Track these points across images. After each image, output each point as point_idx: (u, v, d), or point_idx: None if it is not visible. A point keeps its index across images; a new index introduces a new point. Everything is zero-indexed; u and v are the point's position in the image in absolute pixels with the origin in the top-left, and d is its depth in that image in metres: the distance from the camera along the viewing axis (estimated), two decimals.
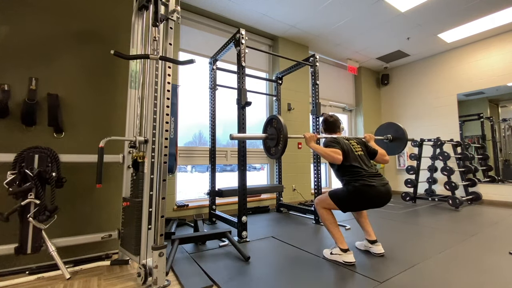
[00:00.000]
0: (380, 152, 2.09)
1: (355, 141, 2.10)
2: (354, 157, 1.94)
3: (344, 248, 1.84)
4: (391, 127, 2.65)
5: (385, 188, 1.86)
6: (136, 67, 1.96)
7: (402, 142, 2.54)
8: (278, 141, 2.04)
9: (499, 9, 3.59)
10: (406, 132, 2.53)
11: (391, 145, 2.62)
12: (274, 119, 2.10)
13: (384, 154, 2.10)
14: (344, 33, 4.19)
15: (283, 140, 1.96)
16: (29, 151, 1.64)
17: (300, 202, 4.16)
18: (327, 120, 2.24)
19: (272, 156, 2.15)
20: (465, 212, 3.60)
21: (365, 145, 2.13)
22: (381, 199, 1.85)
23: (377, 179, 1.85)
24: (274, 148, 2.09)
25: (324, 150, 1.91)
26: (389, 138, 2.61)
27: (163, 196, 1.53)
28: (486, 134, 4.51)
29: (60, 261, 1.63)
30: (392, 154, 2.57)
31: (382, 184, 1.84)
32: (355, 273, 1.68)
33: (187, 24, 3.55)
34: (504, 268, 1.75)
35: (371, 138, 2.24)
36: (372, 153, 2.09)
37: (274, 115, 2.10)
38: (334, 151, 1.86)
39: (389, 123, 2.68)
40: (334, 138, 2.04)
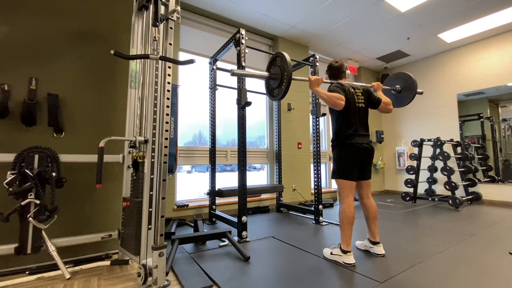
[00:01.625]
0: (384, 101, 2.07)
1: (360, 91, 2.06)
2: (354, 109, 1.96)
3: (346, 250, 1.84)
4: (400, 77, 2.48)
5: (369, 146, 1.97)
6: (136, 67, 1.96)
7: (410, 92, 2.39)
8: (281, 81, 1.88)
9: (499, 9, 3.59)
10: (416, 82, 2.37)
11: (399, 96, 2.48)
12: (279, 57, 1.92)
13: (389, 103, 2.09)
14: (344, 33, 4.19)
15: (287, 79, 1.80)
16: (29, 151, 1.64)
17: (300, 202, 4.16)
18: (332, 66, 2.18)
19: (274, 97, 2.00)
20: (465, 212, 3.60)
21: (369, 94, 2.09)
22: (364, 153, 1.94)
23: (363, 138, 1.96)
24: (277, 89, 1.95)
25: (326, 94, 1.86)
26: (397, 89, 2.47)
27: (163, 196, 1.53)
28: (486, 134, 4.51)
29: (60, 261, 1.63)
30: (400, 105, 2.47)
31: (366, 142, 1.96)
32: (355, 273, 1.68)
33: (187, 24, 3.55)
34: (504, 268, 1.75)
35: (379, 87, 2.18)
36: (376, 102, 2.07)
37: (279, 52, 1.90)
38: (337, 96, 1.84)
39: (399, 73, 2.51)
40: (340, 83, 2.00)
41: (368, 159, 1.99)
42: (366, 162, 1.98)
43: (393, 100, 2.37)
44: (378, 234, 2.02)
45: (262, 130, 4.36)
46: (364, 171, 2.00)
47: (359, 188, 2.05)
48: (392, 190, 5.69)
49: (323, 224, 2.99)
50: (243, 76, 2.34)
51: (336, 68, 2.16)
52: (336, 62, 2.18)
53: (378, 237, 2.01)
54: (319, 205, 3.05)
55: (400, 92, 2.47)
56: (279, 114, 4.01)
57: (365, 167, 2.00)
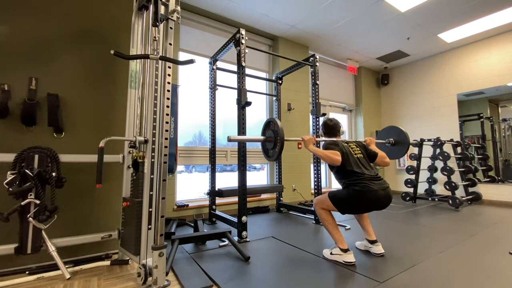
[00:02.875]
0: (380, 155, 2.09)
1: (355, 144, 2.10)
2: (354, 160, 1.94)
3: (344, 248, 1.84)
4: (393, 131, 2.63)
5: (385, 192, 1.84)
6: (136, 67, 1.96)
7: (404, 146, 2.53)
8: (275, 143, 2.05)
9: (499, 9, 3.59)
10: (408, 136, 2.52)
11: (393, 148, 2.61)
12: (272, 122, 2.11)
13: (384, 157, 2.10)
14: (344, 33, 4.19)
15: (280, 142, 1.97)
16: (29, 151, 1.64)
17: (300, 202, 4.16)
18: (327, 124, 2.23)
19: (270, 158, 2.17)
20: (465, 212, 3.60)
21: (364, 147, 2.13)
22: (381, 202, 1.84)
23: (377, 183, 1.84)
24: (271, 150, 2.11)
25: (323, 152, 1.91)
26: (391, 142, 2.60)
27: (163, 196, 1.53)
28: (486, 134, 4.51)
29: (60, 261, 1.63)
30: (394, 158, 2.57)
31: (382, 188, 1.83)
32: (355, 273, 1.68)
33: (187, 24, 3.55)
34: (504, 268, 1.75)
35: (372, 142, 2.25)
36: (372, 155, 2.09)
37: (272, 118, 2.11)
38: (333, 152, 1.87)
39: (391, 127, 2.67)
40: (333, 140, 2.04)
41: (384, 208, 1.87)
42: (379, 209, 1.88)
43: (388, 152, 2.45)
44: (373, 231, 2.04)
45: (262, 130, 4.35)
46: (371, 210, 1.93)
47: None
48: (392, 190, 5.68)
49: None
50: (241, 141, 2.45)
51: (331, 127, 2.21)
52: (331, 121, 2.22)
53: (374, 235, 2.02)
54: None
55: (394, 145, 2.60)
56: (279, 114, 4.01)
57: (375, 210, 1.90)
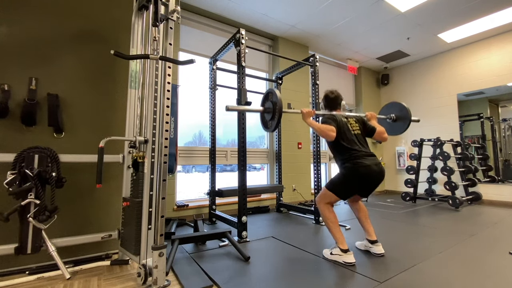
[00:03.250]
0: (379, 130, 2.08)
1: (354, 120, 2.08)
2: (350, 136, 1.95)
3: (344, 249, 1.84)
4: (395, 107, 2.56)
5: (378, 168, 1.90)
6: (136, 67, 1.96)
7: (405, 121, 2.46)
8: (274, 114, 2.00)
9: (499, 9, 3.59)
10: (409, 111, 2.44)
11: (394, 124, 2.55)
12: (271, 93, 2.06)
13: (383, 132, 2.09)
14: (344, 33, 4.19)
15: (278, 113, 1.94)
16: (29, 151, 1.64)
17: (300, 202, 4.16)
18: (328, 97, 2.19)
19: (268, 129, 2.13)
20: (465, 212, 3.60)
21: (363, 123, 2.11)
22: (374, 178, 1.88)
23: (370, 159, 1.90)
24: (270, 121, 2.08)
25: (318, 126, 1.92)
26: (392, 118, 2.53)
27: (163, 196, 1.53)
28: (486, 134, 4.51)
29: (60, 261, 1.63)
30: (395, 134, 2.52)
31: (375, 163, 1.89)
32: (355, 273, 1.68)
33: (187, 24, 3.55)
34: (504, 268, 1.75)
35: (373, 117, 2.21)
36: (370, 130, 2.08)
37: (271, 89, 2.06)
38: (328, 128, 1.87)
39: (393, 103, 2.59)
40: (332, 115, 2.02)
41: (376, 183, 1.91)
42: (373, 186, 1.92)
43: (388, 128, 2.43)
44: (373, 231, 2.04)
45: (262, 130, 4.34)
46: (366, 192, 1.96)
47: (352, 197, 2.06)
48: (392, 190, 5.69)
49: (323, 224, 2.98)
50: (239, 111, 2.42)
51: (332, 100, 2.18)
52: (332, 93, 2.18)
53: (374, 235, 2.02)
54: None
55: (396, 121, 2.54)
56: None
57: (370, 190, 1.94)
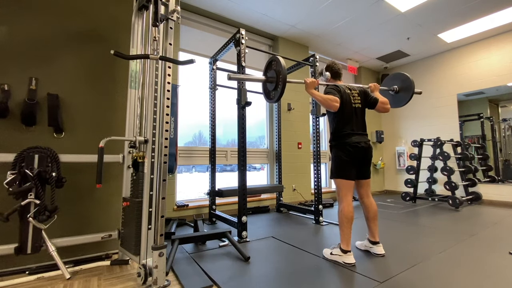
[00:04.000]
0: (381, 101, 2.07)
1: (357, 92, 2.08)
2: (350, 110, 1.97)
3: (346, 249, 1.84)
4: (398, 78, 2.48)
5: (366, 144, 1.97)
6: (136, 67, 1.96)
7: (408, 92, 2.39)
8: (277, 84, 1.94)
9: (499, 9, 3.59)
10: (413, 82, 2.39)
11: (396, 96, 2.48)
12: (274, 61, 1.97)
13: (386, 103, 2.08)
14: (344, 33, 4.19)
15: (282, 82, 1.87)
16: (29, 151, 1.64)
17: (300, 202, 4.16)
18: (333, 67, 2.19)
19: (271, 100, 2.07)
20: (465, 212, 3.60)
21: (365, 94, 2.10)
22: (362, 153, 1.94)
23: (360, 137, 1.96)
24: (273, 91, 2.00)
25: (322, 96, 1.90)
26: (395, 89, 2.47)
27: (163, 196, 1.53)
28: (486, 134, 4.51)
29: (60, 261, 1.63)
30: (397, 106, 2.48)
31: (364, 141, 1.96)
32: (355, 273, 1.68)
33: (187, 24, 3.55)
34: (504, 268, 1.75)
35: (376, 88, 2.19)
36: (373, 102, 2.07)
37: (274, 56, 1.97)
38: (332, 98, 1.86)
39: (397, 73, 2.51)
40: (335, 85, 2.02)
41: (367, 158, 1.99)
42: (365, 161, 1.99)
43: (391, 100, 2.38)
44: (378, 233, 2.02)
45: (262, 130, 4.36)
46: (363, 170, 2.00)
47: (359, 187, 2.05)
48: (392, 190, 5.69)
49: (323, 224, 2.99)
50: (240, 80, 2.36)
51: (337, 70, 2.19)
52: (336, 64, 2.20)
53: (378, 237, 2.01)
54: (319, 205, 3.05)
55: (398, 93, 2.47)
56: (279, 114, 4.01)
57: (364, 166, 2.00)
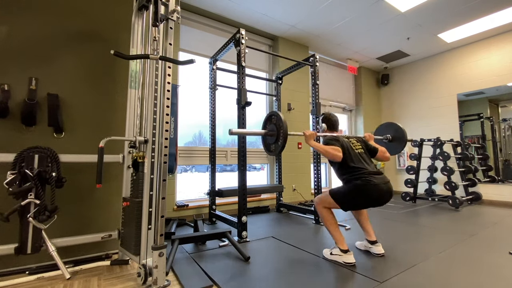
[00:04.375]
0: (381, 149, 2.09)
1: (355, 139, 2.11)
2: (355, 155, 1.94)
3: (344, 249, 1.84)
4: (390, 127, 2.64)
5: (387, 186, 1.83)
6: (136, 67, 1.96)
7: (401, 142, 2.54)
8: (277, 138, 2.01)
9: (499, 9, 3.59)
10: (405, 132, 2.54)
11: (390, 145, 2.62)
12: (274, 116, 2.07)
13: (385, 151, 2.10)
14: (344, 33, 4.19)
15: (283, 136, 1.92)
16: (29, 151, 1.64)
17: (300, 202, 4.16)
18: (329, 119, 2.24)
19: (271, 153, 2.14)
20: (465, 212, 3.60)
21: (364, 142, 2.14)
22: (382, 197, 1.82)
23: (379, 177, 1.84)
24: (273, 144, 2.07)
25: (323, 147, 1.90)
26: (388, 138, 2.61)
27: (163, 196, 1.53)
28: (486, 134, 4.52)
29: (60, 261, 1.63)
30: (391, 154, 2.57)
31: (383, 182, 1.83)
32: (355, 273, 1.68)
33: (187, 24, 3.55)
34: (504, 268, 1.75)
35: (371, 138, 2.25)
36: (372, 150, 2.09)
37: (274, 111, 2.08)
38: (334, 148, 1.85)
39: (389, 123, 2.68)
40: (333, 136, 2.04)
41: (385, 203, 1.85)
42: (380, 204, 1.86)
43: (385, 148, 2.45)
44: (373, 232, 2.03)
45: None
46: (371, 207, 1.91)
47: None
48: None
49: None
50: (242, 134, 2.43)
51: (334, 122, 2.24)
52: (333, 116, 2.26)
53: (374, 236, 2.02)
54: None
55: (391, 141, 2.61)
56: None
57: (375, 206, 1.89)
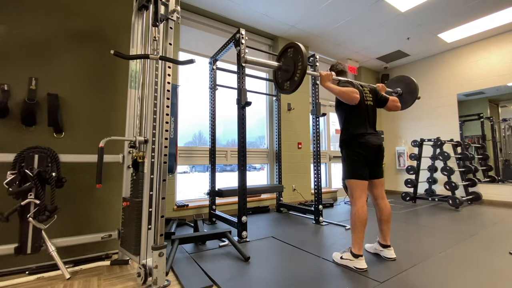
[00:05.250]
0: (392, 99, 2.07)
1: (368, 89, 2.06)
2: (364, 107, 1.94)
3: (358, 254, 1.76)
4: (402, 81, 2.49)
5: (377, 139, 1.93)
6: (136, 67, 1.96)
7: (411, 96, 2.40)
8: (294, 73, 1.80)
9: (499, 9, 3.59)
10: (418, 87, 2.40)
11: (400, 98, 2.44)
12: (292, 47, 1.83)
13: (396, 100, 2.09)
14: (344, 33, 4.19)
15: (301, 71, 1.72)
16: (29, 151, 1.64)
17: (300, 202, 4.16)
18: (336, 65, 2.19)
19: (284, 90, 1.95)
20: (465, 212, 3.60)
21: (375, 93, 2.09)
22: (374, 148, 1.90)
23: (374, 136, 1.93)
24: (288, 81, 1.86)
25: (340, 88, 1.84)
26: (399, 92, 2.48)
27: (163, 196, 1.53)
28: (486, 134, 4.51)
29: (60, 261, 1.63)
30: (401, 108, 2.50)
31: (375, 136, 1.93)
32: (355, 272, 1.68)
33: (187, 24, 3.55)
34: (504, 268, 1.75)
35: (383, 89, 2.19)
36: (384, 100, 2.07)
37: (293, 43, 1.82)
38: (352, 90, 1.82)
39: (401, 76, 2.52)
40: (349, 80, 2.00)
41: (380, 158, 1.96)
42: (377, 160, 1.95)
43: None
44: (389, 237, 1.96)
45: (262, 130, 4.36)
46: (376, 169, 1.95)
47: (373, 187, 1.99)
48: (392, 190, 5.69)
49: (323, 224, 2.99)
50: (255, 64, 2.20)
51: (342, 69, 2.18)
52: (339, 63, 2.21)
53: (389, 240, 1.96)
54: (319, 205, 3.05)
55: (402, 95, 2.48)
56: (279, 114, 4.01)
57: (376, 165, 1.95)
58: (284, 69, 1.88)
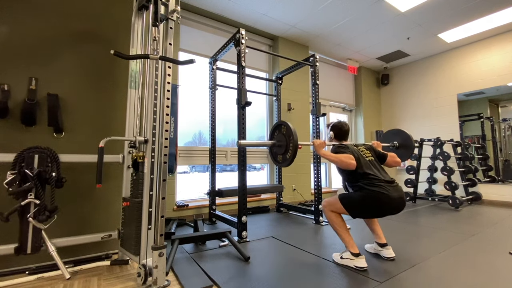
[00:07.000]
0: (390, 155, 2.05)
1: (364, 147, 2.04)
2: (366, 163, 1.86)
3: (356, 253, 1.76)
4: (397, 134, 2.58)
5: (399, 195, 1.76)
6: (136, 67, 1.96)
7: (408, 150, 2.48)
8: (286, 149, 1.96)
9: (499, 9, 3.59)
10: (413, 140, 2.49)
11: (397, 152, 2.54)
12: (283, 125, 2.01)
13: (394, 156, 2.06)
14: (344, 33, 4.19)
15: (293, 148, 1.86)
16: (29, 151, 1.64)
17: (300, 202, 4.16)
18: (341, 128, 2.12)
19: (279, 163, 2.08)
20: (465, 212, 3.60)
21: (373, 150, 2.06)
22: (395, 208, 1.76)
23: (393, 188, 1.77)
24: (281, 155, 2.02)
25: (336, 156, 1.81)
26: (395, 145, 2.55)
27: (163, 196, 1.53)
28: (486, 134, 4.51)
29: (60, 261, 1.63)
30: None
31: (397, 192, 1.77)
32: (355, 272, 1.68)
33: (187, 24, 3.55)
34: (504, 268, 1.75)
35: (379, 145, 2.21)
36: (382, 156, 2.03)
37: (283, 121, 2.01)
38: (347, 156, 1.77)
39: (396, 130, 2.61)
40: (342, 144, 1.98)
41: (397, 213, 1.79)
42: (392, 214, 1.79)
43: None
44: (382, 234, 2.00)
45: (262, 130, 4.36)
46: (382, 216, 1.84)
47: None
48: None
49: (323, 224, 2.99)
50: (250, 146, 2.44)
51: (346, 131, 2.12)
52: (346, 125, 2.14)
53: (384, 238, 1.98)
54: (319, 205, 3.06)
55: (398, 148, 2.56)
56: (279, 114, 4.01)
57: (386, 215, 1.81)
58: (277, 144, 2.07)
